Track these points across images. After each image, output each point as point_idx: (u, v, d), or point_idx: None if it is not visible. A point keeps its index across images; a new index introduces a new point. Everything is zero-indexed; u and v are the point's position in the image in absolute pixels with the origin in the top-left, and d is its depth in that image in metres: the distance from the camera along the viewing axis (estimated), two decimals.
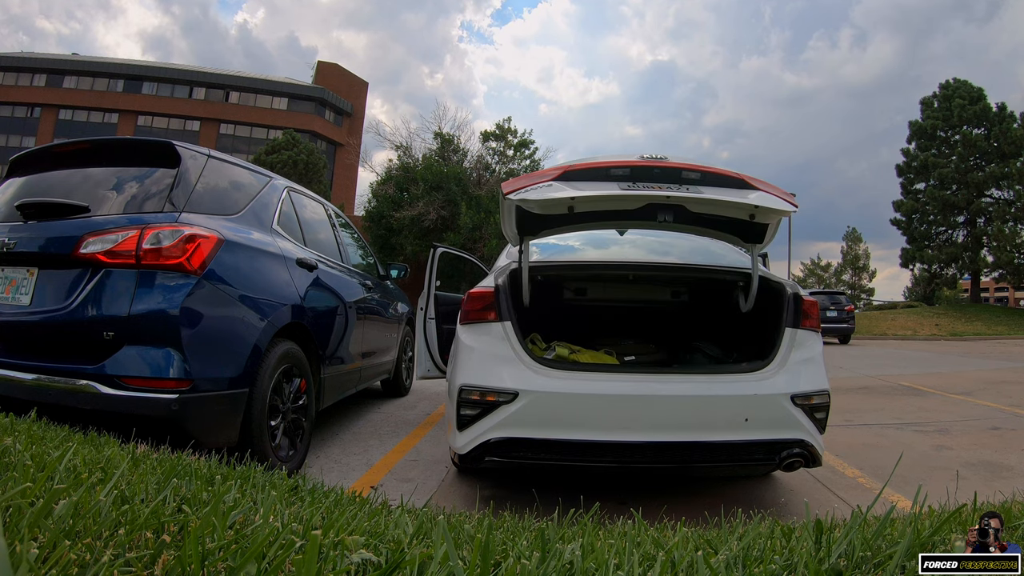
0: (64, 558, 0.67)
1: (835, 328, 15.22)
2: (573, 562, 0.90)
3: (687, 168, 2.24)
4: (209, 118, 41.44)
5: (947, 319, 22.62)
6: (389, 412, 4.44)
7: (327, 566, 0.77)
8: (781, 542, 1.09)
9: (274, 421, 2.58)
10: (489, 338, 2.32)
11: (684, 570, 0.88)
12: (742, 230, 2.69)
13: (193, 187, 2.49)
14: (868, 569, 0.87)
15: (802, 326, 2.39)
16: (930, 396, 5.70)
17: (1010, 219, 25.10)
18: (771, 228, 2.57)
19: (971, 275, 28.15)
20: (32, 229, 2.38)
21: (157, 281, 2.20)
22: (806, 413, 2.25)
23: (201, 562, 0.71)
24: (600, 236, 3.34)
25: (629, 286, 3.37)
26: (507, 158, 26.05)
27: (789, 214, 2.34)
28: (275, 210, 3.00)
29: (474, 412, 2.23)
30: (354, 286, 3.74)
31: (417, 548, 0.91)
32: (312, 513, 1.19)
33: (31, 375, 2.20)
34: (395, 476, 2.86)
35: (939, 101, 27.74)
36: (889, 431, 4.05)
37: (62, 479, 1.07)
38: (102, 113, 40.19)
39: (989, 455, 3.36)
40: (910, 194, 28.39)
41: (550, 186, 2.19)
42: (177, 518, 0.91)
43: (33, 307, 2.28)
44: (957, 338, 18.70)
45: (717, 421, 2.22)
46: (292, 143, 29.36)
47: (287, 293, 2.72)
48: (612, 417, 2.20)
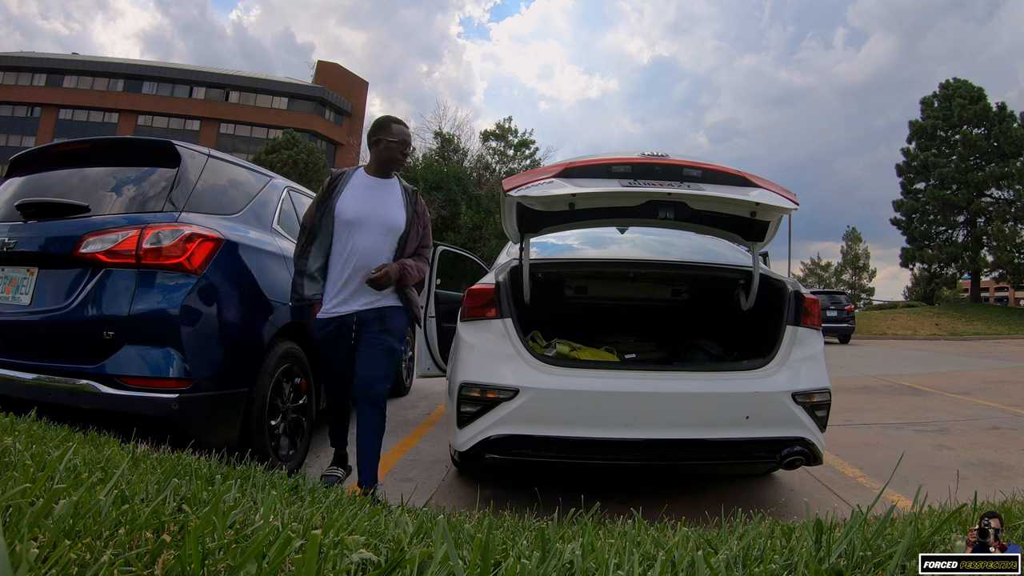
0: (64, 558, 0.67)
1: (835, 328, 15.22)
2: (573, 562, 0.90)
3: (688, 165, 2.24)
4: (209, 118, 41.42)
5: (947, 319, 22.62)
6: (389, 412, 4.39)
7: (327, 565, 0.77)
8: (781, 542, 1.09)
9: (274, 421, 2.58)
10: (490, 335, 2.32)
11: (684, 570, 0.88)
12: (743, 228, 2.69)
13: (193, 187, 2.49)
14: (868, 569, 0.87)
15: (803, 324, 2.39)
16: (930, 396, 5.70)
17: (1010, 219, 25.10)
18: (772, 226, 2.57)
19: (971, 275, 28.16)
20: (32, 229, 2.38)
21: (157, 281, 2.20)
22: (807, 411, 2.25)
23: (201, 562, 0.71)
24: (600, 235, 3.34)
25: (630, 284, 3.37)
26: (507, 157, 26.07)
27: (790, 212, 2.34)
28: (275, 209, 3.00)
29: (474, 409, 2.23)
30: None
31: (417, 548, 0.91)
32: (312, 513, 1.19)
33: (31, 375, 2.20)
34: (395, 476, 2.86)
35: (939, 101, 27.73)
36: (889, 431, 4.05)
37: (62, 479, 1.07)
38: (102, 113, 40.17)
39: (989, 455, 3.36)
40: (910, 194, 28.39)
41: (551, 183, 2.19)
42: (177, 518, 0.91)
43: (33, 307, 2.28)
44: (957, 338, 18.70)
45: (718, 418, 2.22)
46: (292, 143, 29.36)
47: (287, 292, 2.72)
48: (613, 414, 2.20)
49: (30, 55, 41.06)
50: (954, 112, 26.64)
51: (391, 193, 2.52)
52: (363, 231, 2.40)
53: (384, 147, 2.47)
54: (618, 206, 2.49)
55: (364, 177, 2.51)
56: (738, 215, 2.46)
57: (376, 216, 2.43)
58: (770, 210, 2.34)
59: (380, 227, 2.43)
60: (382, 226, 2.43)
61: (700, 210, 2.45)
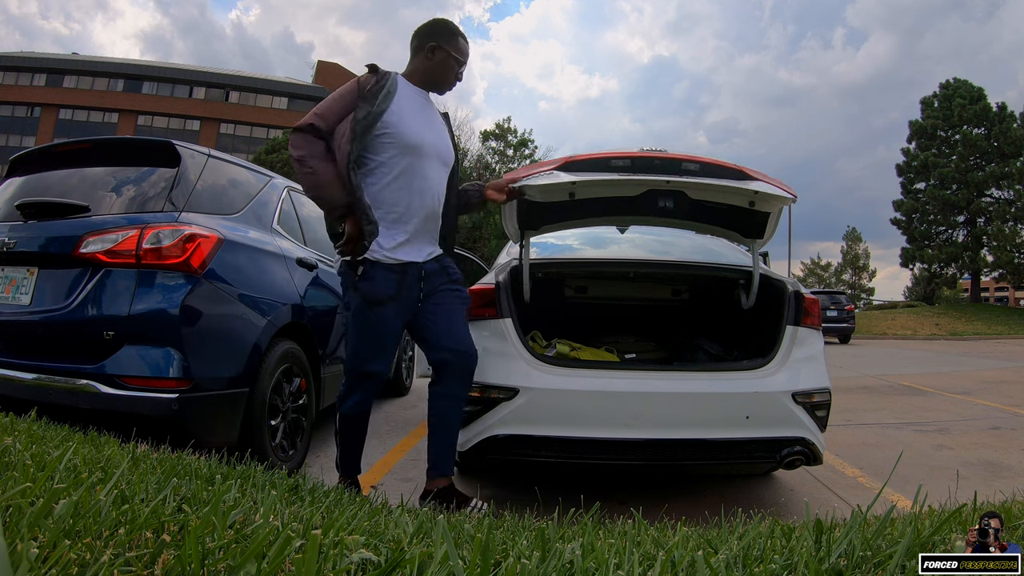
0: (64, 558, 0.67)
1: (835, 328, 15.23)
2: (573, 561, 0.90)
3: (686, 159, 2.26)
4: (209, 118, 41.43)
5: (947, 319, 22.63)
6: (389, 411, 4.44)
7: (327, 565, 0.77)
8: (781, 542, 1.09)
9: (274, 420, 2.58)
10: (489, 335, 2.32)
11: (684, 570, 0.88)
12: (743, 223, 2.68)
13: (193, 187, 2.48)
14: (868, 569, 0.87)
15: (803, 324, 2.40)
16: (930, 396, 5.70)
17: (1010, 219, 25.12)
18: (772, 220, 2.56)
19: (971, 275, 28.17)
20: (32, 229, 2.38)
21: (157, 281, 2.19)
22: (807, 411, 2.26)
23: (201, 561, 0.71)
24: (600, 235, 3.34)
25: (630, 284, 3.36)
26: (507, 157, 26.07)
27: (789, 202, 2.35)
28: (275, 209, 3.00)
29: (475, 409, 2.23)
30: None
31: (417, 547, 0.91)
32: (312, 512, 1.19)
33: (31, 374, 2.20)
34: (395, 475, 2.86)
35: (939, 101, 27.75)
36: (889, 431, 4.05)
37: (62, 479, 1.07)
38: (102, 113, 40.18)
39: (989, 455, 3.36)
40: (910, 194, 28.40)
41: (552, 174, 2.22)
42: (177, 517, 0.91)
43: (33, 307, 2.28)
44: (957, 338, 18.71)
45: (718, 418, 2.22)
46: None
47: (287, 292, 2.72)
48: (613, 414, 2.20)
49: (30, 55, 41.07)
50: (954, 112, 26.66)
51: (437, 115, 2.10)
52: (428, 161, 1.98)
53: (441, 61, 2.02)
54: (617, 196, 2.48)
55: (411, 88, 2.04)
56: (737, 205, 2.46)
57: (436, 144, 2.02)
58: (769, 200, 2.35)
59: (438, 158, 2.02)
60: (440, 157, 2.03)
61: (699, 200, 2.44)
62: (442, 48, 2.02)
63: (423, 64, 2.04)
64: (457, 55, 2.04)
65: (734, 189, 2.26)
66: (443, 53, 2.02)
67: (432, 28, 2.04)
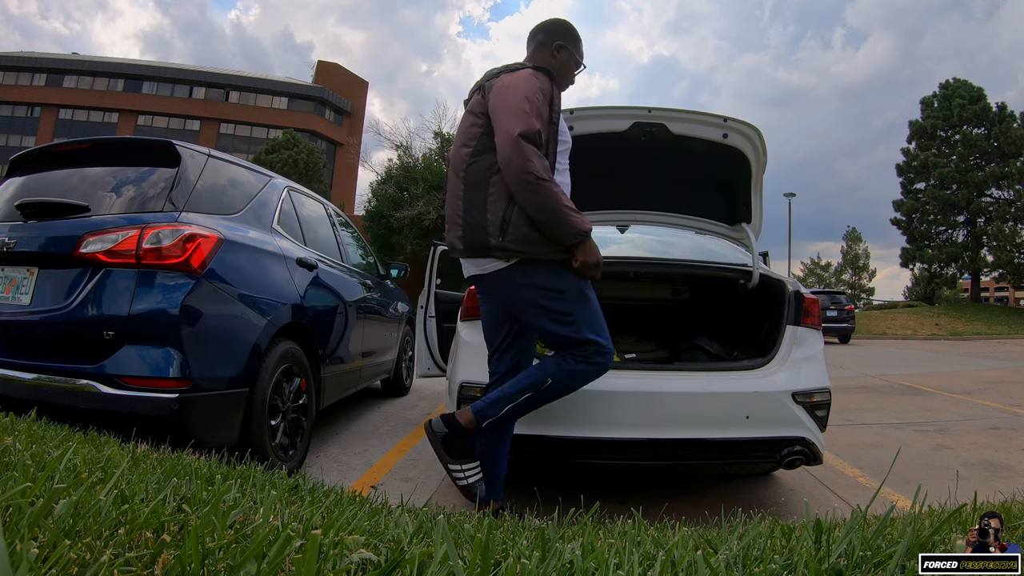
0: (64, 558, 0.67)
1: (835, 328, 15.23)
2: (573, 561, 0.90)
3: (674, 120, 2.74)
4: (209, 118, 41.42)
5: (947, 319, 22.62)
6: (389, 411, 4.44)
7: (327, 565, 0.77)
8: (781, 541, 1.09)
9: (274, 420, 2.58)
10: None
11: (684, 570, 0.88)
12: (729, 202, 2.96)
13: (193, 186, 2.48)
14: (868, 569, 0.87)
15: (803, 323, 2.40)
16: (930, 396, 5.70)
17: (1010, 219, 25.11)
18: (755, 193, 2.89)
19: (971, 275, 28.15)
20: (32, 228, 2.38)
21: (157, 281, 2.19)
22: (807, 411, 2.25)
23: (201, 561, 0.71)
24: (600, 235, 3.32)
25: (630, 284, 3.36)
26: None
27: (758, 131, 2.72)
28: (275, 209, 3.00)
29: None
30: (354, 285, 3.74)
31: (417, 547, 0.91)
32: (312, 512, 1.19)
33: (31, 374, 2.20)
34: (395, 475, 2.86)
35: (939, 101, 27.73)
36: (889, 430, 4.05)
37: (62, 479, 1.07)
38: (102, 113, 40.18)
39: (989, 455, 3.36)
40: (910, 193, 28.38)
41: None
42: (177, 517, 0.91)
43: (33, 306, 2.28)
44: (957, 338, 18.70)
45: (718, 418, 2.23)
46: (292, 142, 29.35)
47: (287, 292, 2.72)
48: (612, 414, 2.20)
49: (30, 55, 41.05)
50: (954, 112, 26.64)
51: None
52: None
53: (565, 61, 2.00)
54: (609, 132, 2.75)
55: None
56: (712, 139, 2.75)
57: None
58: (740, 129, 2.71)
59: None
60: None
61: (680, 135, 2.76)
62: (567, 49, 2.01)
63: (547, 61, 1.99)
64: (580, 58, 2.04)
65: (707, 119, 2.69)
66: (567, 54, 2.01)
67: (560, 27, 2.03)
